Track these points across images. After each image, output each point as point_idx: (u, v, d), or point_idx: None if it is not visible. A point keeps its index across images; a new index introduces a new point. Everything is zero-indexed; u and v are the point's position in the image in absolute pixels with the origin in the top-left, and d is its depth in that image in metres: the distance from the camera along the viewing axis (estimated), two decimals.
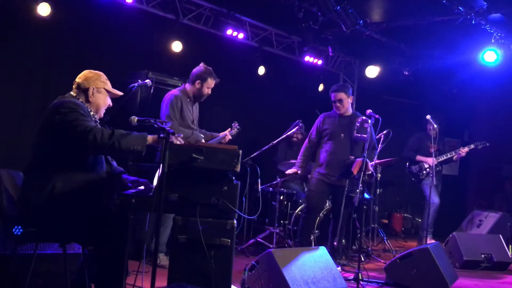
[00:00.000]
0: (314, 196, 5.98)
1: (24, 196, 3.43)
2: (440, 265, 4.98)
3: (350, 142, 5.78)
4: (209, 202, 3.38)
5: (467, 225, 8.53)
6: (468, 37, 7.50)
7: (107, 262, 3.38)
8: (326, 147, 5.95)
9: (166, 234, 5.31)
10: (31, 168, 3.48)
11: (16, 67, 6.06)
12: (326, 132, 6.00)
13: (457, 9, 6.67)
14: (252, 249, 6.69)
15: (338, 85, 6.10)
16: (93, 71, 3.73)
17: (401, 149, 8.06)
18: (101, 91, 3.69)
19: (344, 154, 5.73)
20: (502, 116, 10.39)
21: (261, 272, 4.21)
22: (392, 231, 9.69)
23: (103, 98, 3.71)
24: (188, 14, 7.24)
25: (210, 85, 5.53)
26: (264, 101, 8.83)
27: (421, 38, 8.30)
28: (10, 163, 4.27)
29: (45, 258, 4.09)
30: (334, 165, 5.80)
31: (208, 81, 5.51)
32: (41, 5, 5.86)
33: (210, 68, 5.54)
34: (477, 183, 10.83)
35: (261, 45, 8.21)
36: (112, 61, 6.34)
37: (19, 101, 6.08)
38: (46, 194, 3.34)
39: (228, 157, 3.40)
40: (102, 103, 3.72)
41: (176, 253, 3.41)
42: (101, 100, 3.70)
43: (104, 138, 3.32)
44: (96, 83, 3.66)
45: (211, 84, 5.54)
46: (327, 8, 6.52)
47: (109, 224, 3.38)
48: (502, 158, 10.60)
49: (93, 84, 3.65)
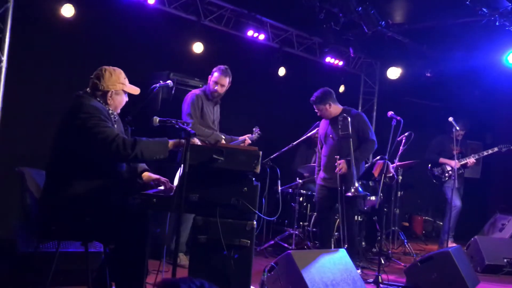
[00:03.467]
0: (318, 201, 6.00)
1: (46, 196, 3.46)
2: (462, 269, 4.93)
3: (338, 142, 5.75)
4: (229, 203, 3.39)
5: (489, 228, 8.43)
6: (491, 39, 7.42)
7: (128, 260, 3.40)
8: (323, 152, 5.99)
9: (186, 234, 5.35)
10: (52, 168, 3.51)
11: (40, 66, 6.14)
12: (321, 137, 6.04)
13: (480, 10, 6.59)
14: (271, 250, 6.70)
15: (313, 98, 5.94)
16: (110, 69, 3.65)
17: (423, 151, 8.00)
18: (120, 93, 3.66)
19: (334, 155, 5.71)
20: None
21: (280, 273, 4.21)
22: (413, 234, 9.62)
23: (121, 100, 3.70)
24: (209, 15, 7.27)
25: (216, 78, 5.51)
26: (284, 102, 8.81)
27: (444, 40, 8.23)
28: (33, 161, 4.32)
29: (67, 256, 4.15)
30: (328, 168, 5.79)
31: (214, 74, 5.52)
32: (65, 6, 5.94)
33: (223, 66, 5.55)
34: (500, 186, 10.67)
35: (282, 46, 8.21)
36: (134, 62, 6.39)
37: (43, 101, 6.16)
38: (67, 194, 3.36)
39: (248, 158, 3.40)
40: (120, 104, 3.71)
41: (196, 253, 3.42)
42: (118, 101, 3.68)
43: (127, 149, 3.29)
44: (115, 86, 3.62)
45: (217, 78, 5.51)
46: (349, 9, 6.50)
47: (130, 223, 3.41)
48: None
49: (112, 88, 3.60)
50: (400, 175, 7.34)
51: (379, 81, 9.72)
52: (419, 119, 8.76)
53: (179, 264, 4.82)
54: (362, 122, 5.75)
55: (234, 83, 5.81)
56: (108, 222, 3.38)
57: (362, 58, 9.52)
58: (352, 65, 9.48)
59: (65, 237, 3.66)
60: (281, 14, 7.75)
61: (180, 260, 5.15)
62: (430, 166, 8.01)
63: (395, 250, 7.55)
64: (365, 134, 5.72)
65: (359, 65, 9.63)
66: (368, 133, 5.74)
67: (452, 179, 7.46)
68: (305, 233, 6.79)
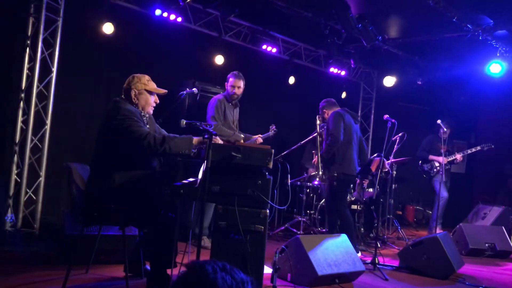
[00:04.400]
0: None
1: (90, 187, 3.50)
2: (448, 252, 4.88)
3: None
4: (246, 194, 3.39)
5: (472, 217, 8.34)
6: (475, 51, 7.34)
7: (159, 242, 3.43)
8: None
9: (208, 219, 5.36)
10: (95, 164, 3.55)
11: (84, 76, 6.21)
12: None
13: (466, 27, 6.53)
14: (282, 234, 6.69)
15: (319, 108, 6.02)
16: (136, 74, 3.69)
17: (415, 149, 7.94)
18: (142, 92, 3.64)
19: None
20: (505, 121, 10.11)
21: (289, 254, 4.21)
22: (406, 222, 9.54)
23: (146, 98, 3.66)
24: (229, 31, 7.28)
25: (232, 83, 5.52)
26: (293, 106, 8.80)
27: (433, 52, 8.15)
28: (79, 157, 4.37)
29: (107, 239, 4.19)
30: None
31: (229, 80, 5.55)
32: (106, 24, 5.99)
33: (235, 71, 5.56)
34: (482, 180, 10.57)
35: (292, 58, 8.19)
36: (164, 72, 6.42)
37: (86, 105, 6.23)
38: (107, 186, 3.40)
39: (262, 155, 3.41)
40: (146, 103, 3.66)
41: (217, 237, 3.44)
42: (143, 100, 3.65)
43: (156, 145, 3.35)
44: (137, 86, 3.63)
45: (233, 82, 5.52)
46: (350, 25, 6.46)
47: (161, 211, 3.43)
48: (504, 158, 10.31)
49: (134, 87, 3.62)
50: (394, 170, 7.29)
51: (376, 88, 9.65)
52: (411, 122, 8.69)
53: (203, 246, 4.83)
54: (328, 121, 5.68)
55: (250, 89, 5.81)
56: (142, 210, 3.41)
57: (362, 68, 9.45)
58: (353, 74, 9.42)
59: (105, 222, 3.70)
60: (291, 30, 7.73)
61: (204, 242, 5.16)
62: (421, 162, 7.96)
63: (390, 235, 7.50)
64: (329, 130, 5.58)
65: (359, 74, 9.57)
66: (331, 128, 5.56)
67: (440, 173, 7.39)
68: (312, 220, 6.78)
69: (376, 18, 6.70)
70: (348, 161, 5.54)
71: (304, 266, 4.08)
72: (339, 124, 5.52)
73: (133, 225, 3.77)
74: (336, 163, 5.51)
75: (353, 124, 5.70)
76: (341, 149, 5.52)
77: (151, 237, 3.48)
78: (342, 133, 5.51)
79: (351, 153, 5.60)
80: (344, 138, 5.52)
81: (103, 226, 3.92)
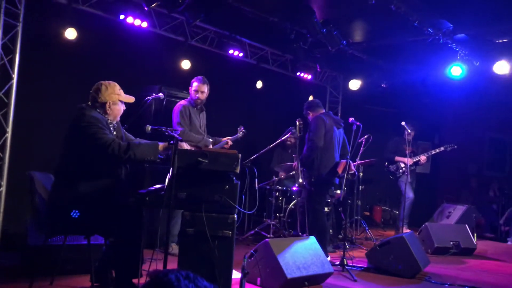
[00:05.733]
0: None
1: (53, 196, 3.43)
2: (414, 251, 4.97)
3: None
4: (213, 199, 3.38)
5: (437, 216, 8.54)
6: (437, 54, 7.52)
7: (126, 251, 3.39)
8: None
9: (178, 226, 5.28)
10: (59, 172, 3.48)
11: (47, 82, 6.06)
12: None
13: (427, 31, 6.69)
14: (252, 238, 6.69)
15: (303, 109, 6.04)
16: (106, 83, 3.66)
17: (380, 151, 8.06)
18: (116, 103, 3.65)
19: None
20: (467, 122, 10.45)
21: (259, 259, 4.21)
22: (373, 222, 9.69)
23: (118, 108, 3.68)
24: (195, 36, 7.24)
25: (196, 87, 5.49)
26: (261, 110, 8.83)
27: (397, 55, 8.30)
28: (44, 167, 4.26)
29: (72, 248, 4.11)
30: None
31: (193, 85, 5.52)
32: (68, 30, 5.87)
33: (200, 76, 5.54)
34: (446, 180, 10.85)
35: (259, 63, 8.21)
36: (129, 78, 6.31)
37: (49, 113, 6.07)
38: (71, 194, 3.34)
39: (229, 160, 3.40)
40: (118, 113, 3.70)
41: (185, 243, 3.41)
42: (116, 110, 3.67)
43: (121, 152, 3.34)
44: (112, 97, 3.61)
45: (197, 87, 5.49)
46: (315, 30, 6.52)
47: (127, 219, 3.38)
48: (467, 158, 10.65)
49: (109, 99, 3.60)
50: (361, 172, 7.40)
51: (342, 92, 9.77)
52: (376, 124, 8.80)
53: (172, 253, 4.78)
54: (310, 126, 5.71)
55: (218, 94, 5.79)
56: (108, 218, 3.36)
57: (328, 72, 9.56)
58: (319, 78, 9.52)
59: (70, 232, 3.62)
60: (258, 35, 7.75)
61: (172, 249, 5.11)
62: (387, 163, 8.08)
63: (358, 236, 7.59)
64: (309, 135, 5.62)
65: (325, 78, 9.68)
66: (311, 134, 5.60)
67: (406, 174, 7.54)
68: (281, 223, 6.80)
69: (340, 22, 6.78)
70: (327, 166, 5.59)
71: (273, 269, 4.08)
72: (319, 130, 5.56)
73: (98, 234, 3.70)
74: (315, 168, 5.55)
75: (335, 130, 5.74)
76: (321, 154, 5.57)
77: (117, 246, 3.43)
78: (323, 138, 5.55)
79: (331, 158, 5.64)
80: (324, 144, 5.57)
81: (68, 235, 3.83)
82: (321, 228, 5.51)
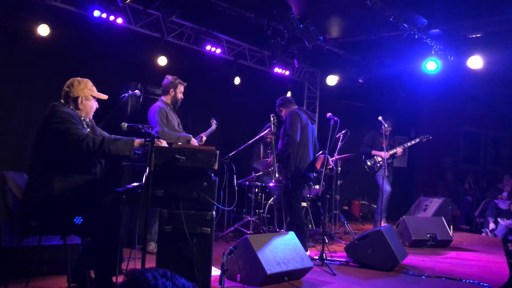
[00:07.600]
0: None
1: (27, 195, 3.35)
2: (392, 244, 5.03)
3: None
4: (191, 197, 3.35)
5: (414, 209, 8.65)
6: (412, 49, 7.60)
7: (103, 250, 3.33)
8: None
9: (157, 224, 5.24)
10: (32, 171, 3.41)
11: (20, 80, 5.94)
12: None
13: (402, 26, 6.76)
14: (232, 235, 6.67)
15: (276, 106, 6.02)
16: (79, 79, 3.61)
17: (358, 145, 8.12)
18: (89, 98, 3.60)
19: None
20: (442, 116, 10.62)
21: (238, 255, 4.19)
22: (352, 216, 9.78)
23: (91, 104, 3.63)
24: (171, 32, 7.18)
25: (181, 90, 5.51)
26: (240, 107, 8.81)
27: (373, 51, 8.38)
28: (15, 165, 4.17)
29: (48, 249, 4.03)
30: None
31: (179, 87, 5.50)
32: (41, 26, 5.75)
33: (175, 76, 5.52)
34: (423, 174, 11.02)
35: (236, 59, 8.19)
36: (105, 74, 6.26)
37: (22, 110, 5.96)
38: (46, 193, 3.27)
39: (207, 156, 3.37)
40: (90, 109, 3.64)
41: (163, 241, 3.37)
42: (88, 106, 3.61)
43: (95, 146, 3.28)
44: (84, 92, 3.57)
45: (182, 89, 5.52)
46: (292, 26, 6.53)
47: (104, 218, 3.33)
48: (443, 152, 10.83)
49: (81, 93, 3.55)
50: (339, 167, 7.44)
51: (320, 87, 9.83)
52: (353, 119, 8.91)
53: (152, 251, 4.74)
54: (285, 121, 5.69)
55: (196, 90, 5.77)
56: (84, 218, 3.30)
57: (305, 68, 9.61)
58: (297, 74, 9.55)
59: (45, 232, 3.55)
60: (235, 31, 7.73)
61: (152, 247, 5.06)
62: (364, 157, 8.13)
63: (337, 230, 7.64)
64: (286, 131, 5.61)
65: (303, 74, 9.72)
66: (287, 129, 5.58)
67: (383, 168, 7.61)
68: (261, 219, 6.80)
69: (317, 18, 6.81)
70: (303, 161, 5.59)
71: (253, 265, 4.08)
72: (296, 125, 5.55)
73: (75, 234, 3.64)
74: (291, 163, 5.55)
75: (309, 125, 5.74)
76: (297, 149, 5.56)
77: (95, 245, 3.37)
78: (299, 133, 5.55)
79: (307, 153, 5.64)
80: (300, 139, 5.57)
81: (44, 236, 3.76)
82: (299, 223, 5.52)
